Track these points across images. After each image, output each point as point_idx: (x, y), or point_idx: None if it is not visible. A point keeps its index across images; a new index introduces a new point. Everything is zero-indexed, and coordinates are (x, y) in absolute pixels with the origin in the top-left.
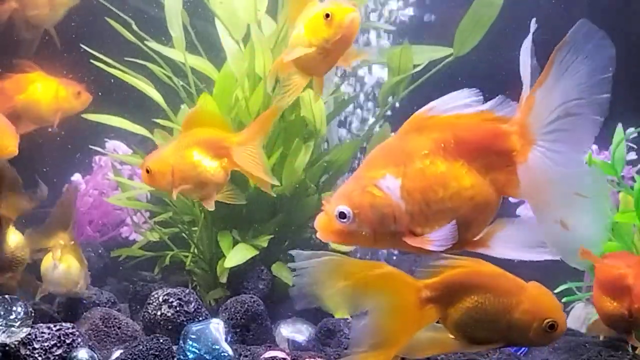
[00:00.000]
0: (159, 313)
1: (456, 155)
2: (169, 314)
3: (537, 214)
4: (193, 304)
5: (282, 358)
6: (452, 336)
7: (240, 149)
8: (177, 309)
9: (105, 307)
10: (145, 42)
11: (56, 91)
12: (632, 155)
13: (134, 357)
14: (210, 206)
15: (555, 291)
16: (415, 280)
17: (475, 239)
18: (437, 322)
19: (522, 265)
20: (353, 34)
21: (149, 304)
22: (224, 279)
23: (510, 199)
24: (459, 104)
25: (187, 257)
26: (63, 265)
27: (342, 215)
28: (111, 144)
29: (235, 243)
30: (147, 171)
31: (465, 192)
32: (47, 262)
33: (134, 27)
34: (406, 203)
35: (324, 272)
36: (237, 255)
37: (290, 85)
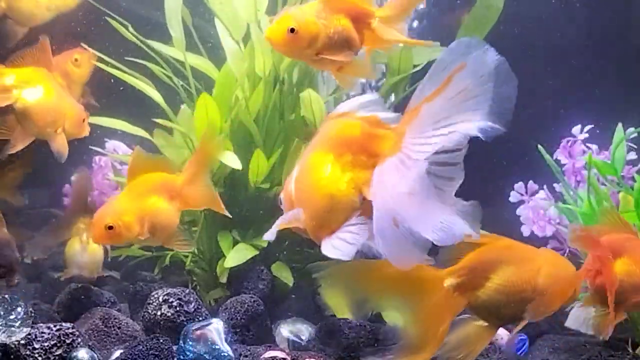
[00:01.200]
0: (159, 313)
1: (327, 149)
2: (169, 314)
3: (375, 213)
4: (193, 304)
5: (282, 358)
6: (483, 322)
7: (190, 187)
8: (177, 309)
9: (105, 307)
10: (145, 41)
11: None
12: (632, 155)
13: (134, 357)
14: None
15: None
16: (437, 270)
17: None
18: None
19: None
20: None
21: (149, 304)
22: (224, 279)
23: (511, 199)
24: (355, 105)
25: (187, 257)
26: (90, 248)
27: None
28: (111, 144)
29: (235, 243)
30: (110, 227)
31: (320, 182)
32: (74, 246)
33: (133, 27)
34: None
35: (347, 279)
36: (237, 255)
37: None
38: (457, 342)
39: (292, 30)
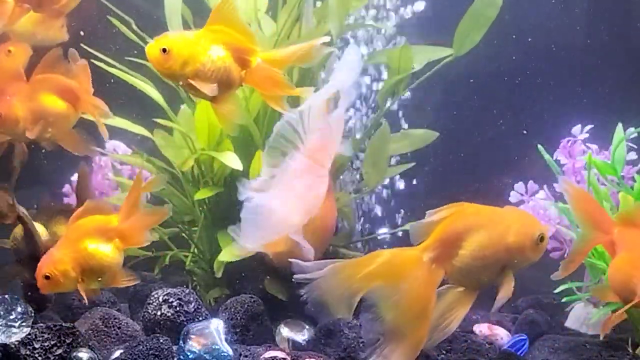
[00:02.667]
0: (159, 313)
1: None
2: (169, 314)
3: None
4: (193, 304)
5: (282, 358)
6: (461, 288)
7: (126, 226)
8: (177, 309)
9: (105, 307)
10: (146, 41)
11: None
12: (632, 155)
13: (134, 357)
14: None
15: (556, 291)
16: (413, 249)
17: None
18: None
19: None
20: None
21: (149, 304)
22: (219, 274)
23: (511, 199)
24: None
25: (187, 257)
26: None
27: None
28: (111, 144)
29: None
30: (47, 277)
31: None
32: None
33: (135, 26)
34: None
35: (332, 283)
36: (233, 249)
37: None
38: (440, 310)
39: (165, 50)
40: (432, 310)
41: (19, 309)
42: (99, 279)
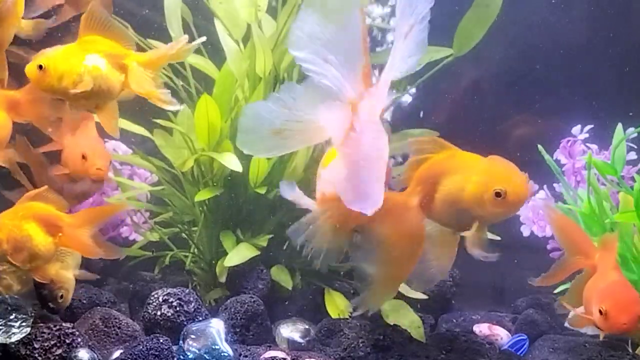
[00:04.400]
0: (159, 313)
1: None
2: (169, 314)
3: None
4: (193, 304)
5: (282, 358)
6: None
7: (72, 230)
8: (177, 309)
9: (105, 307)
10: (146, 40)
11: None
12: (632, 155)
13: (134, 357)
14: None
15: (555, 291)
16: (401, 194)
17: None
18: None
19: (524, 267)
20: None
21: (149, 304)
22: (223, 279)
23: None
24: None
25: (187, 257)
26: None
27: None
28: (111, 144)
29: (237, 242)
30: None
31: None
32: None
33: (133, 26)
34: None
35: (323, 218)
36: (237, 254)
37: None
38: (428, 251)
39: (41, 67)
40: (419, 252)
41: (19, 309)
42: (28, 265)
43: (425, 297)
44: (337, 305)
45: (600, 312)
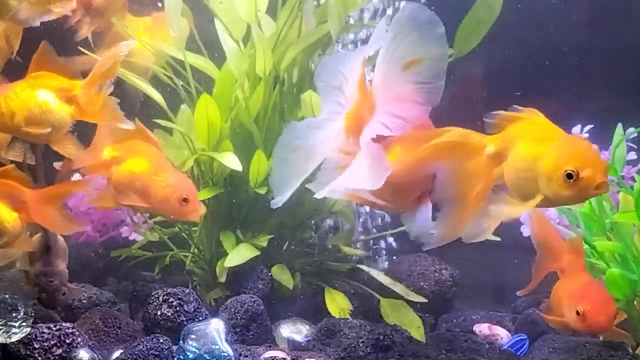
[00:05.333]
0: (159, 313)
1: None
2: (169, 314)
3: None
4: (193, 304)
5: (282, 358)
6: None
7: (37, 205)
8: (177, 308)
9: (105, 307)
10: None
11: None
12: (632, 155)
13: (134, 357)
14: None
15: None
16: (481, 137)
17: None
18: None
19: (524, 267)
20: None
21: (149, 304)
22: (223, 279)
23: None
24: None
25: (187, 257)
26: None
27: None
28: None
29: (237, 243)
30: None
31: None
32: None
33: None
34: None
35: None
36: (237, 255)
37: None
38: (484, 210)
39: None
40: (478, 202)
41: (19, 309)
42: None
43: (425, 300)
44: (337, 303)
45: (578, 313)
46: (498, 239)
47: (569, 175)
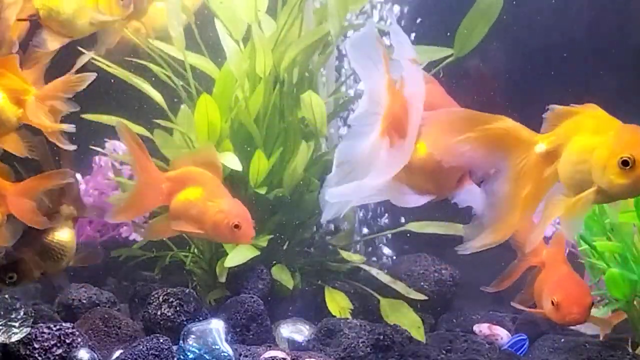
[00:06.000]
0: (159, 313)
1: None
2: (169, 314)
3: None
4: (193, 304)
5: (282, 358)
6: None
7: (15, 199)
8: (177, 309)
9: (105, 307)
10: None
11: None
12: None
13: (134, 357)
14: None
15: None
16: (533, 134)
17: None
18: None
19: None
20: None
21: (149, 304)
22: (223, 279)
23: None
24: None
25: (187, 257)
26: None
27: None
28: (111, 144)
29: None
30: None
31: None
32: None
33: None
34: None
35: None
36: (237, 255)
37: None
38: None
39: None
40: (528, 204)
41: (19, 309)
42: None
43: (425, 297)
44: (337, 303)
45: (552, 303)
46: None
47: (625, 162)
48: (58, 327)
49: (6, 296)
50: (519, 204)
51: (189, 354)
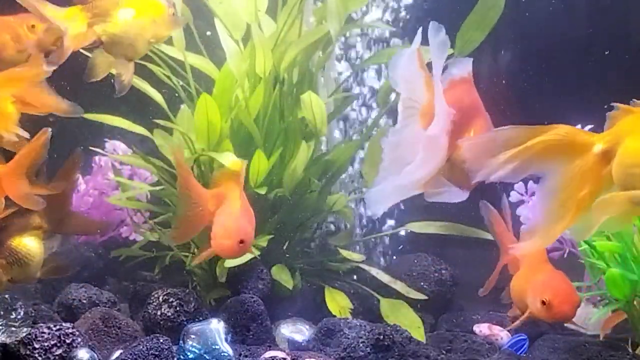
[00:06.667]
0: (159, 313)
1: None
2: (169, 314)
3: None
4: (193, 304)
5: (282, 358)
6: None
7: (9, 180)
8: (177, 308)
9: (105, 307)
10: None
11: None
12: None
13: (134, 357)
14: None
15: None
16: (590, 135)
17: None
18: None
19: None
20: None
21: (149, 304)
22: (223, 279)
23: (511, 199)
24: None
25: (187, 257)
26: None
27: None
28: (111, 144)
29: None
30: None
31: None
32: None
33: None
34: None
35: (499, 141)
36: None
37: None
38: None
39: None
40: (583, 205)
41: (19, 309)
42: None
43: (425, 297)
44: (337, 302)
45: (544, 302)
46: None
47: None
48: (58, 327)
49: (6, 296)
50: (575, 206)
51: (189, 354)
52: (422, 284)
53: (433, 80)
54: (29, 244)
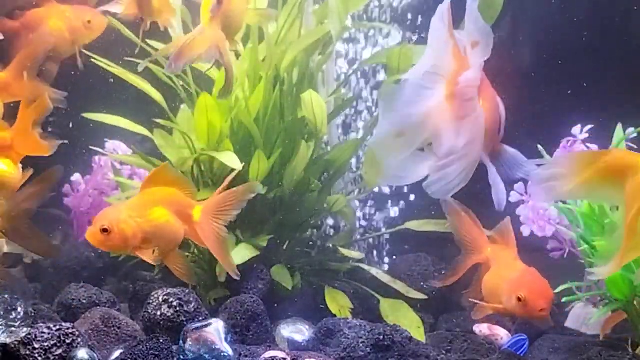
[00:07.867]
0: (159, 313)
1: None
2: (169, 314)
3: None
4: (193, 304)
5: (282, 358)
6: None
7: (19, 138)
8: (177, 309)
9: (105, 307)
10: (146, 40)
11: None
12: None
13: (134, 357)
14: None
15: (556, 291)
16: (637, 156)
17: None
18: None
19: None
20: None
21: (149, 304)
22: (223, 279)
23: (510, 199)
24: None
25: (187, 257)
26: None
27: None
28: (111, 144)
29: (237, 243)
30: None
31: None
32: None
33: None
34: None
35: (565, 166)
36: (237, 255)
37: None
38: None
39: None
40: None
41: (19, 309)
42: None
43: (425, 297)
44: (337, 302)
45: (519, 299)
46: None
47: None
48: (58, 327)
49: (6, 296)
50: (633, 223)
51: (189, 354)
52: (422, 284)
53: (460, 52)
54: None
